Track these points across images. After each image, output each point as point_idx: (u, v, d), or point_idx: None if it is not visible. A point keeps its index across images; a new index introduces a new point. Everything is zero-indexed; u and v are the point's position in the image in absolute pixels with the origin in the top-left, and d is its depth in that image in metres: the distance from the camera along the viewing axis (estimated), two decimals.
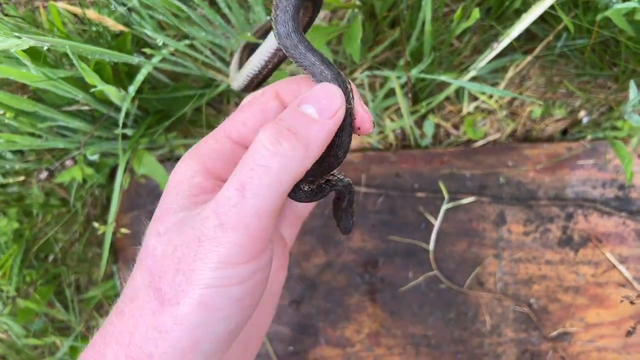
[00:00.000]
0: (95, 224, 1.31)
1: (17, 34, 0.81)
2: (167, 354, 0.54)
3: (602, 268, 1.47)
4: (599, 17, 1.14)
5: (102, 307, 1.67)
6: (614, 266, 1.46)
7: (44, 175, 1.25)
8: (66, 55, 1.05)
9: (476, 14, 1.05)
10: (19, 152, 1.41)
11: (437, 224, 1.50)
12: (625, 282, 1.45)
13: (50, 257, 1.60)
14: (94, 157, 1.23)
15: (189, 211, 0.58)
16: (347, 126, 0.61)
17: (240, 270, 0.55)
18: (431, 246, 1.51)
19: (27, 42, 0.84)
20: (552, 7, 1.14)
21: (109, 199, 1.59)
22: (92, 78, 1.01)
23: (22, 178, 1.41)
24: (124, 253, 1.62)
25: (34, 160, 1.40)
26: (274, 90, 0.64)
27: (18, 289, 1.45)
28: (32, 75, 0.96)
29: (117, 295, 1.64)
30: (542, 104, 1.41)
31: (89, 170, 1.35)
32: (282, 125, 0.55)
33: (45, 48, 0.86)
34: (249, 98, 0.68)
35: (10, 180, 1.42)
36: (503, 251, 1.50)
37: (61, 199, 1.54)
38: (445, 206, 1.49)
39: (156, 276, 0.55)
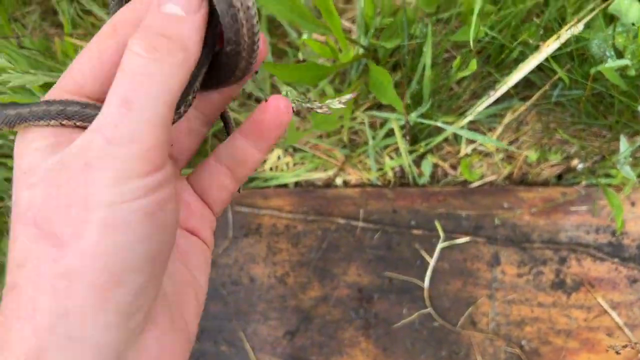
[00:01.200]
0: None
1: (32, 71, 0.86)
2: (86, 300, 0.45)
3: (594, 313, 1.49)
4: (593, 70, 1.19)
5: None
6: (606, 311, 1.47)
7: None
8: None
9: (474, 65, 1.09)
10: None
11: (432, 262, 1.52)
12: (616, 328, 1.46)
13: None
14: None
15: (62, 152, 0.51)
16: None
17: (144, 182, 0.49)
18: (426, 284, 1.53)
19: (43, 79, 0.88)
20: (548, 58, 1.18)
21: None
22: None
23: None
24: None
25: None
26: (110, 25, 0.56)
27: None
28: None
29: None
30: (531, 154, 1.44)
31: None
32: (152, 31, 0.50)
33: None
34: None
35: None
36: (496, 292, 1.51)
37: None
38: (440, 245, 1.51)
39: (44, 224, 0.48)
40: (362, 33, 1.25)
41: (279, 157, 1.58)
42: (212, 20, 0.53)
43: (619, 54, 1.18)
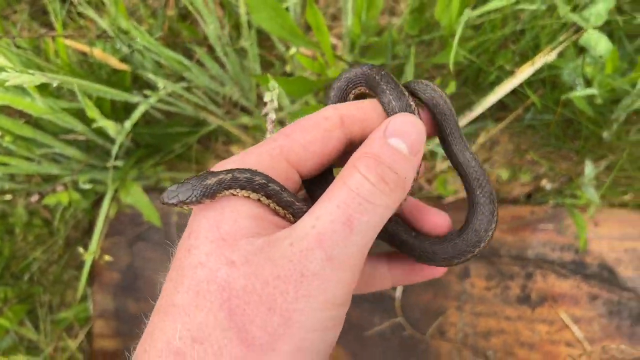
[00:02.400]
0: (81, 250, 1.35)
1: (31, 71, 0.88)
2: None
3: (556, 326, 1.56)
4: (563, 96, 1.26)
5: (72, 329, 1.70)
6: (567, 326, 1.54)
7: (35, 198, 1.30)
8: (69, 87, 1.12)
9: (452, 87, 1.15)
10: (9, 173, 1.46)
11: None
12: (577, 341, 1.54)
13: (26, 276, 1.62)
14: (86, 186, 1.28)
15: (266, 237, 0.52)
16: None
17: (340, 312, 0.50)
18: (398, 294, 1.58)
19: (40, 79, 0.91)
20: (522, 83, 1.25)
21: (90, 223, 1.64)
22: (94, 113, 1.08)
23: (9, 197, 1.45)
24: (99, 277, 1.66)
25: (23, 182, 1.45)
26: (338, 115, 0.60)
27: None
28: (38, 106, 1.02)
29: (87, 318, 1.67)
30: (503, 173, 1.51)
31: (76, 196, 1.40)
32: (383, 162, 0.53)
33: (55, 85, 0.93)
34: (308, 118, 0.61)
35: None
36: (465, 304, 1.57)
37: (44, 219, 1.58)
38: None
39: (239, 314, 0.47)
40: (348, 50, 1.30)
41: None
42: None
43: (588, 83, 1.25)
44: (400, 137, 0.55)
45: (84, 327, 1.68)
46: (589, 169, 1.21)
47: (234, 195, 0.55)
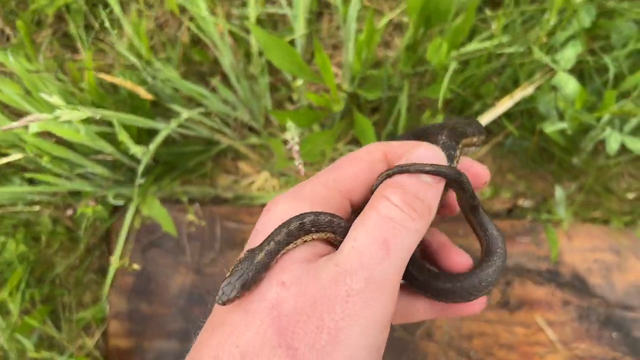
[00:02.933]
0: (112, 258, 1.49)
1: (80, 108, 1.03)
2: None
3: (532, 329, 1.72)
4: (539, 126, 1.43)
5: (89, 329, 1.84)
6: (542, 329, 1.71)
7: (70, 212, 1.44)
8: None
9: (441, 117, 1.31)
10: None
11: None
12: (550, 343, 1.70)
13: (48, 279, 1.77)
14: (117, 202, 1.42)
15: (314, 263, 0.55)
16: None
17: (383, 336, 0.53)
18: None
19: (87, 114, 1.05)
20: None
21: (107, 231, 1.78)
22: (125, 139, 1.23)
23: (37, 208, 1.59)
24: (115, 281, 1.80)
25: (49, 195, 1.59)
26: (381, 150, 0.64)
27: (21, 306, 1.61)
28: (81, 135, 1.17)
29: (103, 318, 1.82)
30: (486, 191, 1.68)
31: (99, 208, 1.55)
32: (410, 191, 0.57)
33: (98, 117, 1.08)
34: (354, 153, 0.66)
35: (26, 208, 1.60)
36: None
37: (67, 228, 1.73)
38: None
39: (288, 333, 0.49)
40: (348, 81, 1.46)
41: (266, 180, 1.77)
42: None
43: (561, 115, 1.42)
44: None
45: (100, 326, 1.82)
46: (559, 193, 1.38)
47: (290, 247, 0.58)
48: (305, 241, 0.57)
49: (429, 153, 0.60)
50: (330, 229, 0.59)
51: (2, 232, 1.71)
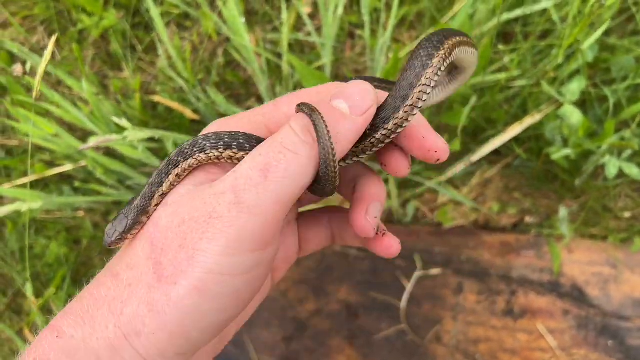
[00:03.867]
0: None
1: (145, 130, 1.17)
2: (155, 335, 0.51)
3: (534, 336, 1.86)
4: (545, 150, 1.57)
5: None
6: (543, 336, 1.85)
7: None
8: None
9: (457, 145, 1.45)
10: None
11: (409, 287, 1.87)
12: (551, 349, 1.84)
13: (86, 280, 1.90)
14: None
15: (201, 185, 0.57)
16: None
17: (246, 259, 0.52)
18: (402, 304, 1.88)
19: (148, 134, 1.20)
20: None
21: None
22: None
23: (82, 214, 1.73)
24: None
25: (94, 202, 1.73)
26: (332, 89, 0.61)
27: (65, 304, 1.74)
28: (137, 151, 1.31)
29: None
30: (494, 206, 1.82)
31: None
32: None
33: (157, 137, 1.22)
34: (302, 91, 0.63)
35: (71, 214, 1.74)
36: (459, 314, 1.88)
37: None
38: (417, 274, 1.87)
39: (158, 248, 0.53)
40: None
41: None
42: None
43: (565, 141, 1.57)
44: (344, 99, 0.57)
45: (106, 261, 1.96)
46: (563, 212, 1.53)
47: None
48: (178, 174, 0.59)
49: (355, 87, 0.57)
50: (219, 147, 0.58)
51: (45, 236, 1.84)
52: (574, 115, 1.42)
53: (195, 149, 0.58)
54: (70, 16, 1.97)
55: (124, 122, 1.13)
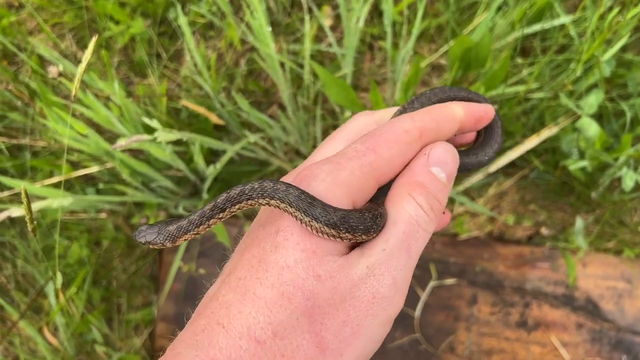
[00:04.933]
0: (181, 264, 1.66)
1: (174, 131, 1.21)
2: None
3: (547, 349, 1.87)
4: (561, 163, 1.59)
5: (138, 329, 2.00)
6: (557, 349, 1.86)
7: (144, 220, 1.62)
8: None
9: None
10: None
11: (423, 296, 1.89)
12: None
13: (105, 281, 1.93)
14: (183, 213, 1.60)
15: (345, 257, 0.58)
16: None
17: (390, 327, 0.59)
18: (417, 314, 1.89)
19: (177, 136, 1.23)
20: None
21: None
22: (200, 160, 1.41)
23: (104, 215, 1.77)
24: (164, 286, 1.97)
25: (117, 203, 1.77)
26: (417, 129, 0.63)
27: (85, 303, 1.78)
28: (165, 153, 1.35)
29: (152, 320, 1.98)
30: (509, 218, 1.84)
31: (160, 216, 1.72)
32: (431, 192, 0.60)
33: (185, 139, 1.26)
34: (389, 131, 0.63)
35: (94, 215, 1.78)
36: (472, 325, 1.89)
37: (127, 235, 1.90)
38: (432, 284, 1.89)
39: (317, 322, 0.55)
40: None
41: None
42: None
43: (581, 153, 1.59)
44: (441, 167, 0.61)
45: (148, 327, 1.99)
46: (579, 224, 1.55)
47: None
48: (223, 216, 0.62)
49: (448, 153, 0.63)
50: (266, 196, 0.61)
51: (66, 236, 1.88)
52: (591, 128, 1.44)
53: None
54: (96, 24, 2.03)
55: (154, 123, 1.17)
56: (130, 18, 1.95)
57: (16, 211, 1.18)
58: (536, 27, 1.59)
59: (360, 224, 0.57)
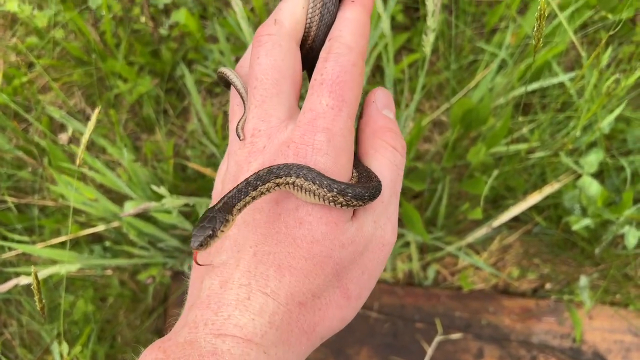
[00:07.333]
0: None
1: (181, 197, 1.23)
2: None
3: None
4: (564, 219, 1.61)
5: None
6: None
7: (150, 280, 1.63)
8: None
9: (479, 214, 1.50)
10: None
11: (430, 351, 1.88)
12: None
13: (110, 337, 1.93)
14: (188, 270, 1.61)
15: (357, 220, 0.67)
16: None
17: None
18: None
19: (183, 201, 1.25)
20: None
21: (165, 294, 1.95)
22: None
23: (109, 272, 1.78)
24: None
25: (125, 263, 1.78)
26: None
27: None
28: (172, 216, 1.37)
29: None
30: (513, 271, 1.84)
31: (167, 277, 1.73)
32: (396, 132, 0.69)
33: (192, 204, 1.28)
34: None
35: (100, 273, 1.78)
36: None
37: (132, 290, 1.90)
38: (438, 338, 1.88)
39: (343, 278, 0.65)
40: None
41: None
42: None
43: (583, 209, 1.60)
44: (388, 107, 0.73)
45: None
46: (584, 281, 1.55)
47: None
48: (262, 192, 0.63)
49: (388, 96, 0.73)
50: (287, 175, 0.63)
51: (72, 293, 1.89)
52: (592, 187, 1.46)
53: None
54: (104, 82, 2.07)
55: (162, 190, 1.20)
56: (137, 76, 1.99)
57: (24, 279, 1.19)
58: (534, 85, 1.63)
59: (366, 191, 0.63)
